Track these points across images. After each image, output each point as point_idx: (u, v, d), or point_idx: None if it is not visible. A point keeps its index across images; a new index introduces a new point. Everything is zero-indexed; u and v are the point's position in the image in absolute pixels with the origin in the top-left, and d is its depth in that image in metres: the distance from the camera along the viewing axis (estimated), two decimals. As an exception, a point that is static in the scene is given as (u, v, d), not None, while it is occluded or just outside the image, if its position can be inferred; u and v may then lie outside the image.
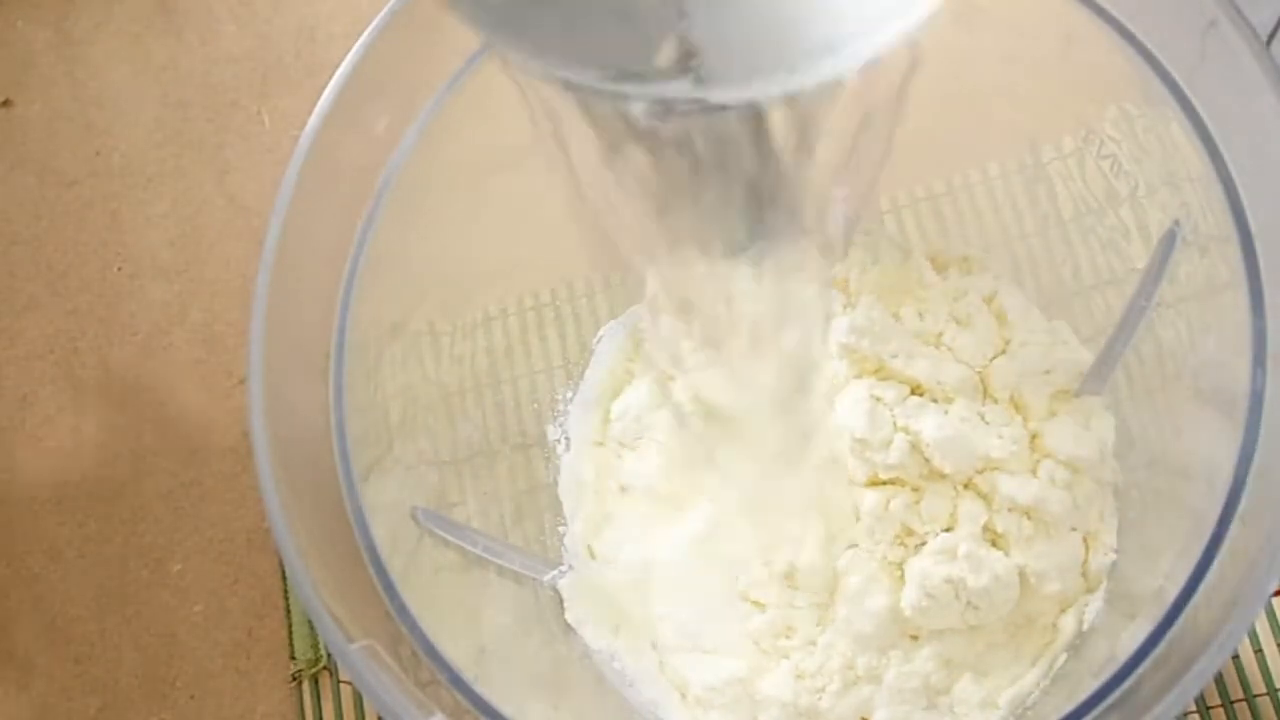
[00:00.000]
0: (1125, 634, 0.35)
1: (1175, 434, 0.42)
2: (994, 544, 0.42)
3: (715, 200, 0.23)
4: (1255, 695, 0.45)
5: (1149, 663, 0.32)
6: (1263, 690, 0.45)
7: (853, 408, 0.43)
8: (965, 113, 0.46)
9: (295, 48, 0.64)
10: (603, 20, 0.19)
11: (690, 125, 0.21)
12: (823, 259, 0.45)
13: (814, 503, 0.44)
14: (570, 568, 0.46)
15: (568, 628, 0.45)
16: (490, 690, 0.35)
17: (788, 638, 0.43)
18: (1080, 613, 0.42)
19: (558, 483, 0.49)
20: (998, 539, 0.42)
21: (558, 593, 0.45)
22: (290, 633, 0.51)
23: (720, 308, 0.33)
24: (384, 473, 0.40)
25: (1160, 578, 0.36)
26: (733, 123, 0.21)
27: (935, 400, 0.44)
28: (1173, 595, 0.32)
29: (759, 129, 0.22)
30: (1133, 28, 0.37)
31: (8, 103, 0.65)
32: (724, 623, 0.44)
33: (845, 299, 0.47)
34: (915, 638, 0.42)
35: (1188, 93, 0.36)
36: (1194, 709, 0.45)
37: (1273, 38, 0.43)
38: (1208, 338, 0.39)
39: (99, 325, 0.59)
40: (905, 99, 0.23)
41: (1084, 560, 0.43)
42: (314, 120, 0.38)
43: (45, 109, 0.65)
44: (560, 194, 0.48)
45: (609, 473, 0.48)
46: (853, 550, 0.43)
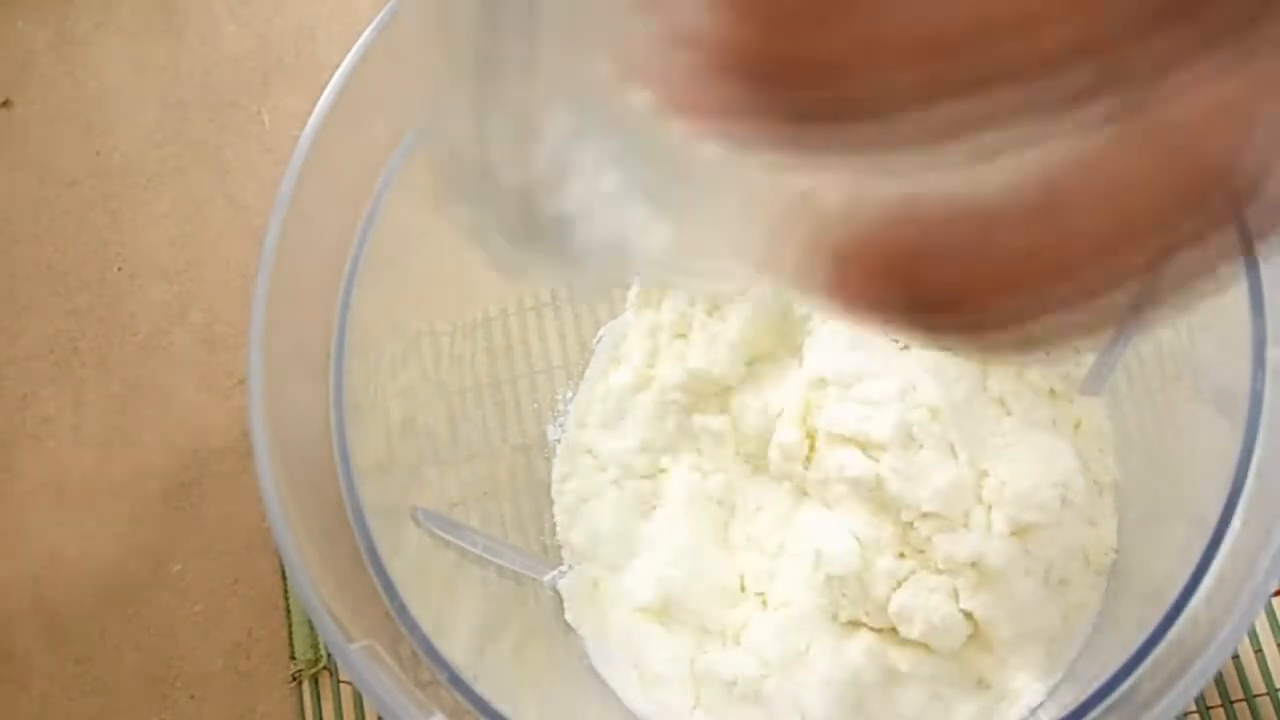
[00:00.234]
0: (1125, 634, 0.35)
1: (1175, 434, 0.42)
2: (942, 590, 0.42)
3: None
4: (1255, 695, 0.45)
5: (1149, 663, 0.32)
6: (1263, 690, 0.45)
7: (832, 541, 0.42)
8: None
9: (295, 48, 0.64)
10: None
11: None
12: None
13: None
14: (570, 567, 0.46)
15: (567, 628, 0.45)
16: (490, 690, 0.35)
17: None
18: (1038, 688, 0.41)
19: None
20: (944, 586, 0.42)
21: (558, 593, 0.45)
22: (290, 633, 0.51)
23: None
24: (384, 472, 0.40)
25: (1160, 577, 0.36)
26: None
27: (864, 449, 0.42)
28: (1173, 595, 0.32)
29: None
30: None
31: (8, 103, 0.65)
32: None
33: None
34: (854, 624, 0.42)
35: (1187, 92, 0.36)
36: (1194, 709, 0.45)
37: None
38: (1208, 338, 0.39)
39: (99, 325, 0.59)
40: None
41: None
42: (314, 120, 0.38)
43: (45, 109, 0.65)
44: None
45: (590, 453, 0.48)
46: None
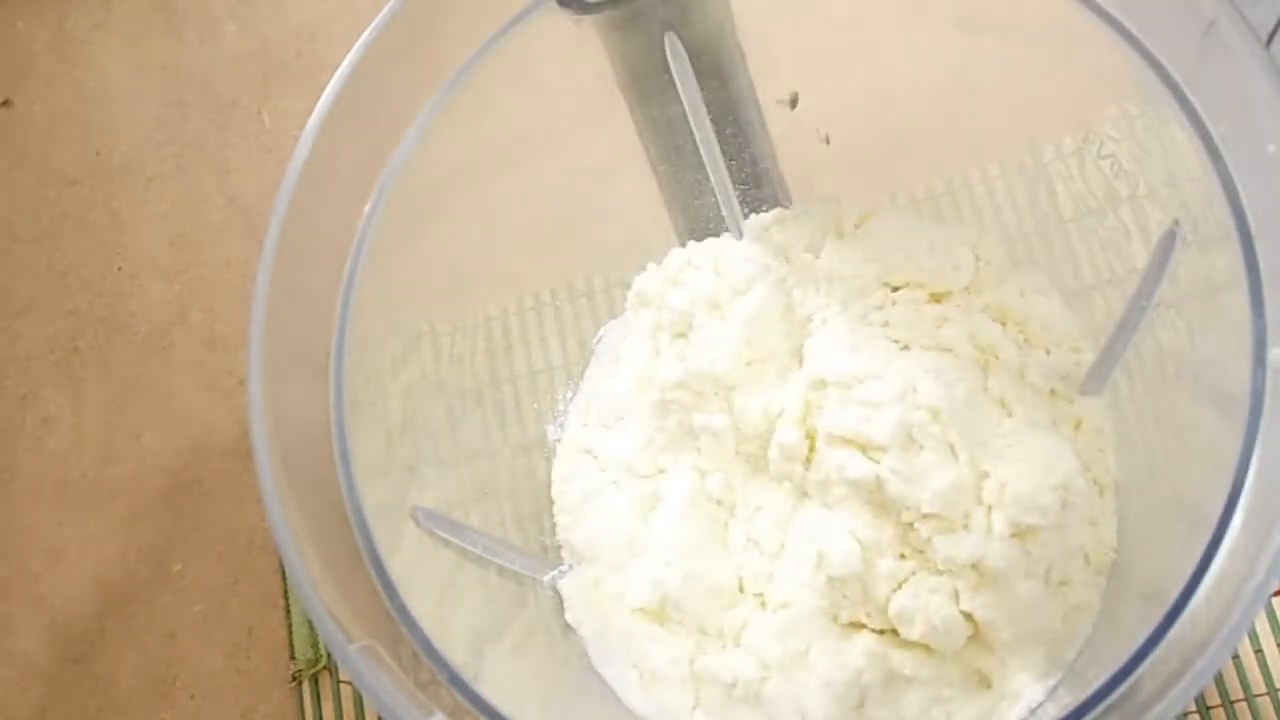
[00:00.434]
0: (1125, 634, 0.35)
1: (1175, 434, 0.42)
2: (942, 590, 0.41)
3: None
4: (1255, 695, 0.45)
5: (1149, 663, 0.32)
6: (1263, 690, 0.45)
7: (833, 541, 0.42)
8: (965, 113, 0.46)
9: (295, 48, 0.64)
10: None
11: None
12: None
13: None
14: (570, 567, 0.46)
15: (567, 628, 0.45)
16: (490, 690, 0.35)
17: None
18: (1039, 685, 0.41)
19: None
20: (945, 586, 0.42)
21: (558, 593, 0.45)
22: (290, 633, 0.51)
23: None
24: (384, 473, 0.40)
25: (1160, 578, 0.36)
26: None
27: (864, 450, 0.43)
28: (1173, 595, 0.32)
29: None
30: (1133, 28, 0.37)
31: (8, 103, 0.65)
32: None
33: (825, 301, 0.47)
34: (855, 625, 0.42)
35: (1187, 93, 0.36)
36: (1194, 709, 0.45)
37: (1272, 37, 0.43)
38: (1208, 338, 0.39)
39: (99, 325, 0.59)
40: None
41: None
42: (314, 120, 0.38)
43: (45, 109, 0.65)
44: (560, 194, 0.48)
45: (590, 453, 0.48)
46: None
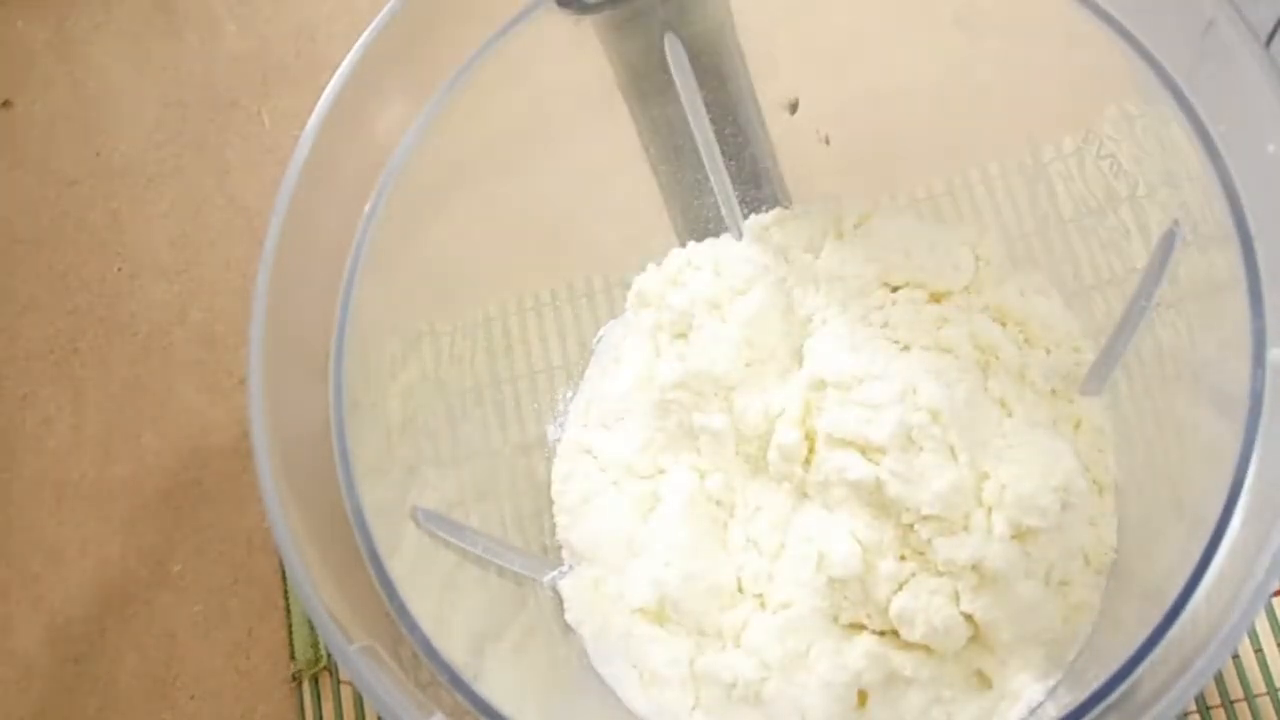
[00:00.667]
0: (1125, 634, 0.35)
1: (1175, 434, 0.42)
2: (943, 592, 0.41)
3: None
4: (1255, 695, 0.45)
5: (1149, 663, 0.32)
6: (1263, 690, 0.45)
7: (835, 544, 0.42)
8: (965, 113, 0.46)
9: (295, 48, 0.64)
10: None
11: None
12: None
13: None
14: (570, 568, 0.46)
15: (567, 628, 0.45)
16: (490, 690, 0.35)
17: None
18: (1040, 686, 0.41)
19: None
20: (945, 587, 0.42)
21: (558, 593, 0.45)
22: (290, 633, 0.51)
23: None
24: (384, 473, 0.40)
25: (1160, 577, 0.36)
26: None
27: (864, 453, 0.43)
28: (1173, 595, 0.32)
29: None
30: (1132, 28, 0.37)
31: (8, 103, 0.65)
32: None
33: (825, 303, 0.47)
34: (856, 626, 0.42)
35: (1187, 93, 0.36)
36: (1194, 709, 0.45)
37: (1272, 38, 0.43)
38: (1208, 338, 0.39)
39: (99, 325, 0.59)
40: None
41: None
42: (314, 120, 0.38)
43: (45, 109, 0.65)
44: (560, 194, 0.48)
45: (590, 453, 0.48)
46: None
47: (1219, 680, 0.46)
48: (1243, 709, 0.45)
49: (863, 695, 0.42)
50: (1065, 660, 0.42)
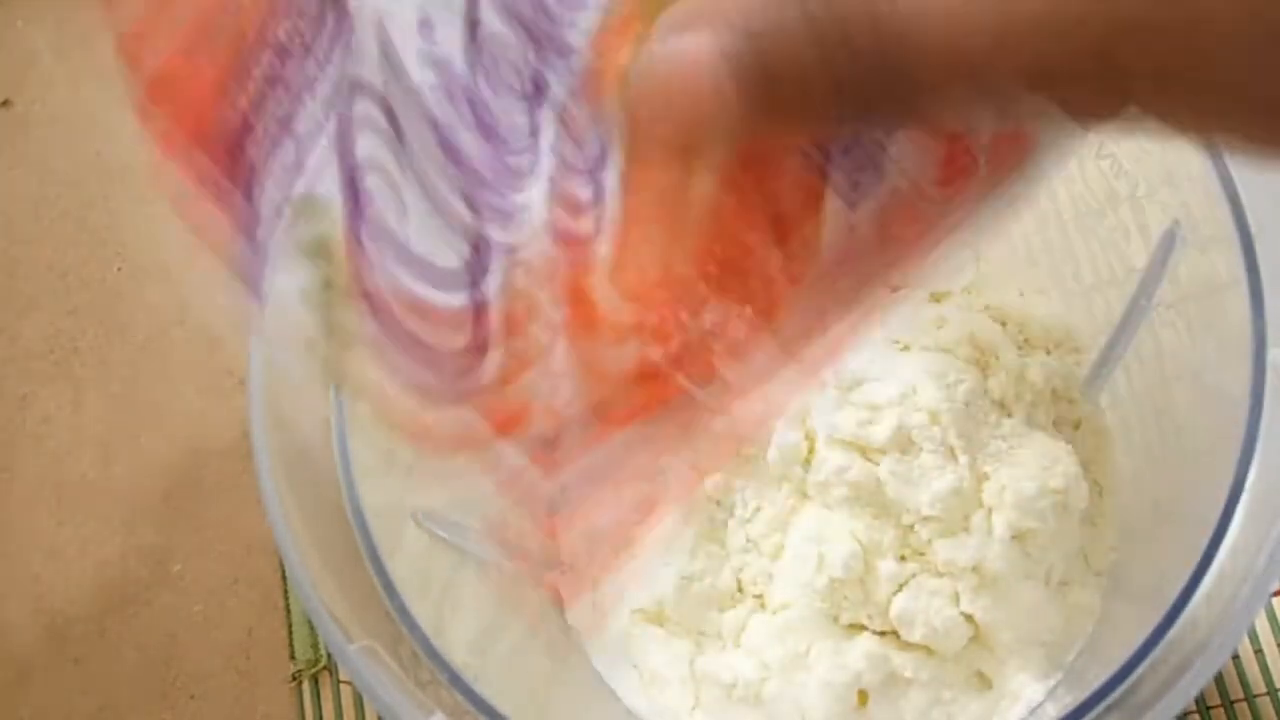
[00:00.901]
0: (1125, 634, 0.35)
1: (1175, 434, 0.42)
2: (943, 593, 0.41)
3: None
4: (1255, 695, 0.45)
5: (1149, 663, 0.32)
6: (1263, 690, 0.45)
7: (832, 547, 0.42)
8: (965, 113, 0.46)
9: (295, 48, 0.64)
10: None
11: None
12: None
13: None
14: (570, 568, 0.46)
15: (568, 628, 0.45)
16: (490, 690, 0.35)
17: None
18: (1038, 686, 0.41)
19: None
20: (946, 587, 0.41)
21: (558, 593, 0.45)
22: (290, 633, 0.51)
23: None
24: (384, 473, 0.40)
25: (1160, 577, 0.36)
26: None
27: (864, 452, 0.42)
28: (1173, 595, 0.32)
29: None
30: (1133, 28, 0.37)
31: (8, 103, 0.65)
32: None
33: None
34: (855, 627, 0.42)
35: (1187, 93, 0.35)
36: (1194, 709, 0.45)
37: (1272, 38, 0.43)
38: (1208, 338, 0.39)
39: (99, 325, 0.59)
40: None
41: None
42: (314, 120, 0.38)
43: (45, 109, 0.65)
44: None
45: None
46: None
47: (1219, 680, 0.46)
48: (1243, 709, 0.45)
49: (863, 696, 0.42)
50: (1065, 660, 0.42)
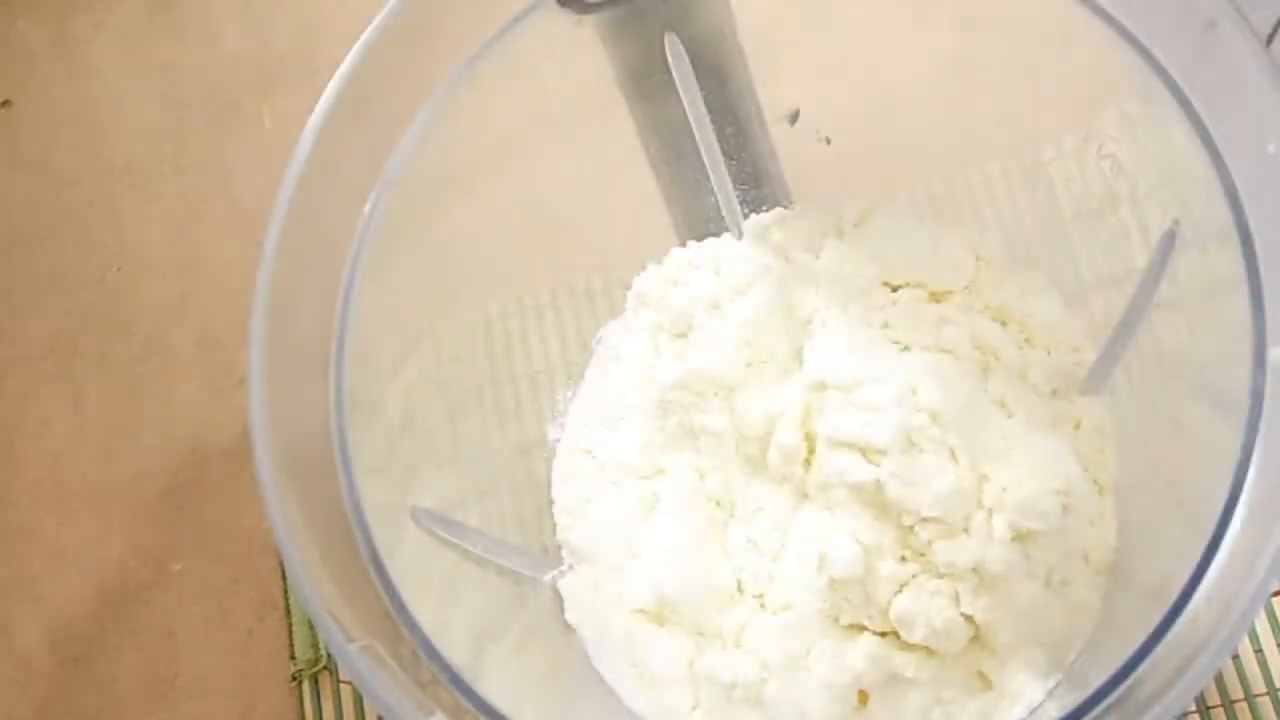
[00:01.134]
0: (1125, 634, 0.35)
1: (1175, 434, 0.42)
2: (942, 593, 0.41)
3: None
4: (1255, 695, 0.45)
5: (1149, 663, 0.32)
6: (1263, 690, 0.45)
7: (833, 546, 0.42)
8: (965, 113, 0.46)
9: (295, 48, 0.64)
10: None
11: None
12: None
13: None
14: (570, 567, 0.46)
15: (567, 628, 0.45)
16: (490, 690, 0.35)
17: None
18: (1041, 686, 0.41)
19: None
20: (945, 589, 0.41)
21: (558, 593, 0.45)
22: (290, 633, 0.51)
23: None
24: (384, 473, 0.40)
25: (1160, 577, 0.36)
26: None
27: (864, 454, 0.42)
28: (1173, 595, 0.32)
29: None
30: (1132, 28, 0.37)
31: (8, 103, 0.65)
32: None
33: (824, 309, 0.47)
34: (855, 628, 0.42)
35: (1188, 93, 0.36)
36: (1194, 709, 0.45)
37: (1272, 38, 0.43)
38: (1208, 338, 0.39)
39: (99, 325, 0.59)
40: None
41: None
42: (314, 120, 0.38)
43: (45, 109, 0.65)
44: (560, 194, 0.48)
45: (590, 453, 0.48)
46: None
47: (1219, 680, 0.46)
48: (1243, 709, 0.45)
49: (863, 696, 0.42)
50: (1065, 661, 0.42)
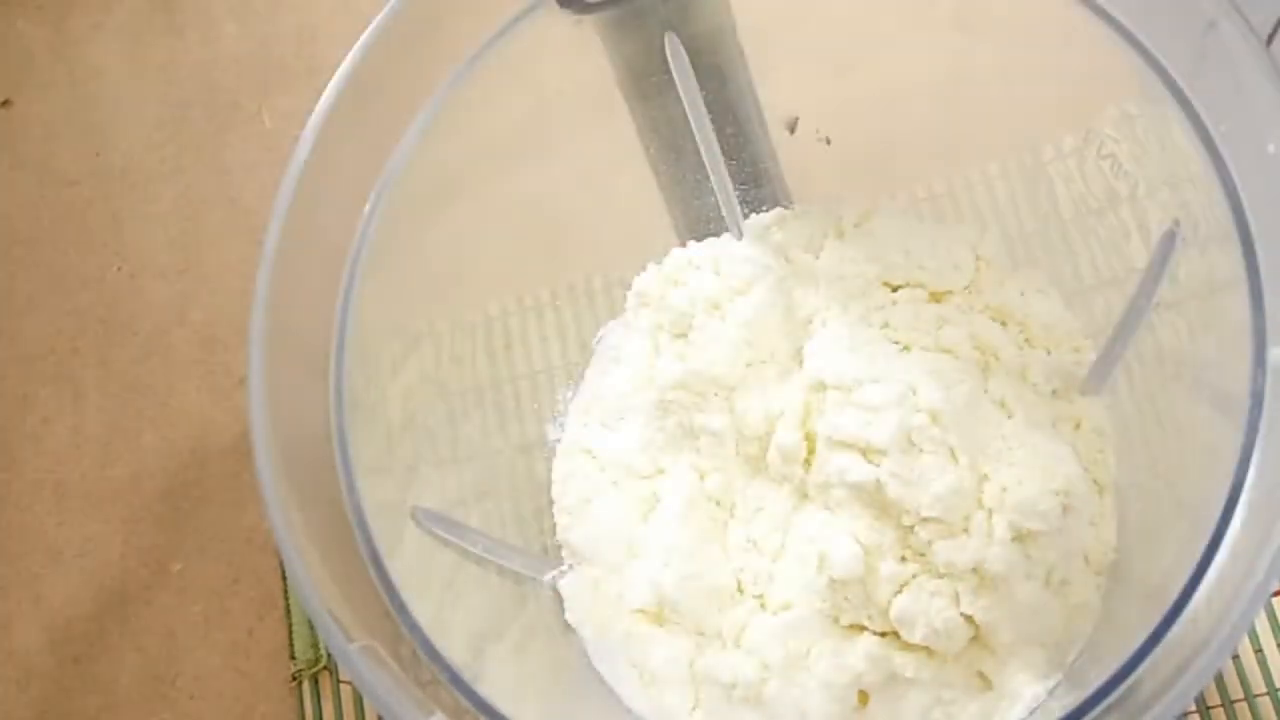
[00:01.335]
0: (1125, 634, 0.35)
1: (1175, 434, 0.42)
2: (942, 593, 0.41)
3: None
4: (1255, 695, 0.45)
5: (1149, 663, 0.32)
6: (1263, 690, 0.45)
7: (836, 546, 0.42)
8: (965, 113, 0.46)
9: (295, 48, 0.64)
10: None
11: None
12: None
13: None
14: (570, 567, 0.46)
15: (567, 628, 0.45)
16: (490, 690, 0.35)
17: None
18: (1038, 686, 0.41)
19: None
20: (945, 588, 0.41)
21: (558, 593, 0.45)
22: (290, 633, 0.51)
23: None
24: (384, 473, 0.40)
25: (1160, 577, 0.36)
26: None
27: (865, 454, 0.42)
28: (1173, 595, 0.32)
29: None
30: (1133, 28, 0.37)
31: (8, 103, 0.65)
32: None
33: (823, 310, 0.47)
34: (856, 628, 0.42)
35: (1188, 93, 0.36)
36: (1194, 709, 0.45)
37: (1272, 38, 0.43)
38: (1208, 338, 0.39)
39: (99, 325, 0.59)
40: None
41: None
42: (314, 120, 0.38)
43: (45, 109, 0.65)
44: (560, 194, 0.48)
45: (590, 453, 0.48)
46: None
47: (1219, 680, 0.46)
48: (1243, 709, 0.45)
49: (863, 696, 0.42)
50: (1065, 661, 0.42)
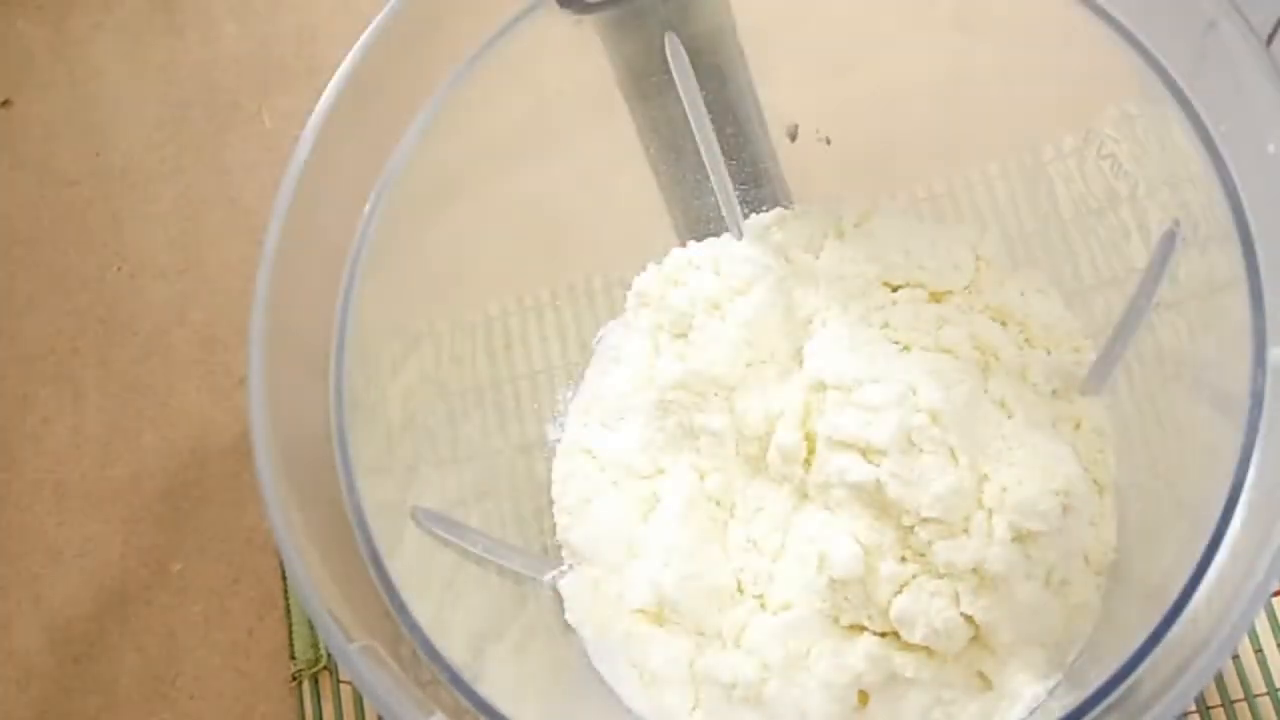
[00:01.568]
0: (1125, 634, 0.35)
1: (1175, 434, 0.42)
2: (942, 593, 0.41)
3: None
4: (1255, 695, 0.45)
5: (1149, 663, 0.32)
6: (1263, 690, 0.45)
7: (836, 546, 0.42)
8: (965, 113, 0.46)
9: (295, 48, 0.64)
10: None
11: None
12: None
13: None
14: (570, 567, 0.46)
15: (567, 628, 0.45)
16: (490, 690, 0.35)
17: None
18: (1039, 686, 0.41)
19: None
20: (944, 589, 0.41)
21: (558, 593, 0.45)
22: (290, 633, 0.51)
23: None
24: (384, 473, 0.40)
25: (1160, 577, 0.36)
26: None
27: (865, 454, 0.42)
28: (1173, 595, 0.32)
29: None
30: (1133, 28, 0.37)
31: (8, 103, 0.65)
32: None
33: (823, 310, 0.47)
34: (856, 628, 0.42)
35: (1188, 93, 0.36)
36: (1194, 709, 0.45)
37: (1272, 38, 0.43)
38: (1208, 338, 0.39)
39: (99, 325, 0.59)
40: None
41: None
42: (314, 120, 0.38)
43: (45, 109, 0.65)
44: (560, 194, 0.48)
45: (590, 453, 0.48)
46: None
47: (1219, 680, 0.46)
48: (1243, 709, 0.45)
49: (863, 696, 0.42)
50: (1065, 661, 0.42)
